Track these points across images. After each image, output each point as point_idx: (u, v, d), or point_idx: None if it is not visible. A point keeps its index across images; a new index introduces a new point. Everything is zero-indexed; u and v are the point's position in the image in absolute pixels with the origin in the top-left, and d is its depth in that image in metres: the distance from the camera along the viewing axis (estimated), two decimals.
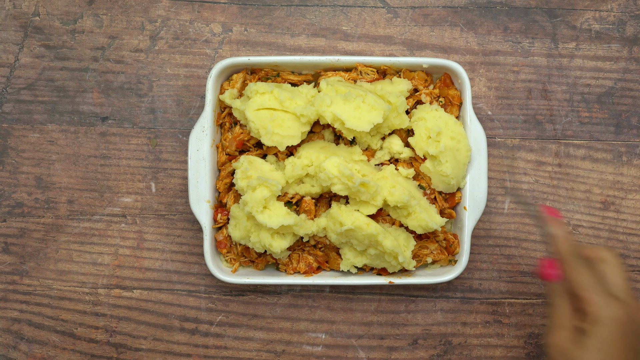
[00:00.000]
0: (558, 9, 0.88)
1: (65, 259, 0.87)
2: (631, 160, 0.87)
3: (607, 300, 0.57)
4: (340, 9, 0.88)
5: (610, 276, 0.61)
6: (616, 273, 0.61)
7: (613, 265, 0.62)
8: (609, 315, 0.57)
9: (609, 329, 0.57)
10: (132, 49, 0.87)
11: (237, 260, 0.82)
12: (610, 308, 0.57)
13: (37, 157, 0.87)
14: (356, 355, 0.87)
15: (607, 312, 0.57)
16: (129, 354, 0.86)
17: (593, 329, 0.57)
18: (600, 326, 0.57)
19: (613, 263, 0.62)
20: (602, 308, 0.57)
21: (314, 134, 0.81)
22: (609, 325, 0.57)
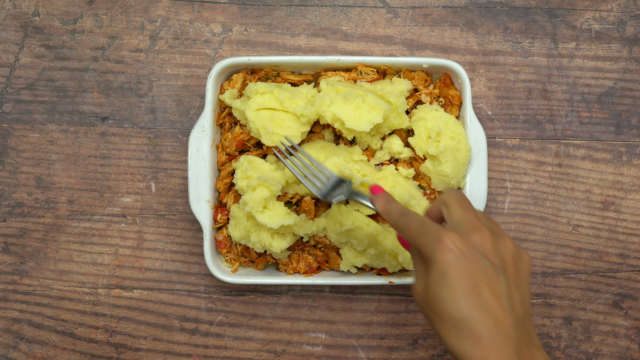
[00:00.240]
0: (558, 9, 0.88)
1: (65, 259, 0.87)
2: (631, 160, 0.87)
3: (436, 237, 0.57)
4: (340, 9, 0.88)
5: (448, 216, 0.61)
6: (455, 209, 0.61)
7: (450, 203, 0.61)
8: (438, 249, 0.57)
9: (442, 262, 0.56)
10: (132, 49, 0.87)
11: (237, 260, 0.82)
12: (439, 243, 0.57)
13: (37, 157, 0.87)
14: (356, 355, 0.87)
15: (437, 247, 0.57)
16: (129, 354, 0.86)
17: (430, 269, 0.57)
18: (434, 263, 0.57)
19: (450, 201, 0.62)
20: (430, 246, 0.58)
21: (314, 134, 0.81)
22: (440, 259, 0.57)
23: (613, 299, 0.87)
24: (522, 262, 0.60)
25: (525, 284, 0.59)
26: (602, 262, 0.87)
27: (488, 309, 0.55)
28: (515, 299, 0.57)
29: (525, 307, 0.58)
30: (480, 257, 0.56)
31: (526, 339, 0.57)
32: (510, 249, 0.59)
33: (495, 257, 0.58)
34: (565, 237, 0.87)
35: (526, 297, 0.58)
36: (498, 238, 0.59)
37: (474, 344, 0.55)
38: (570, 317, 0.87)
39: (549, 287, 0.87)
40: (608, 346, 0.86)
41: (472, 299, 0.55)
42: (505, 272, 0.58)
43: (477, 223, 0.59)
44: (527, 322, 0.58)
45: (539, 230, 0.87)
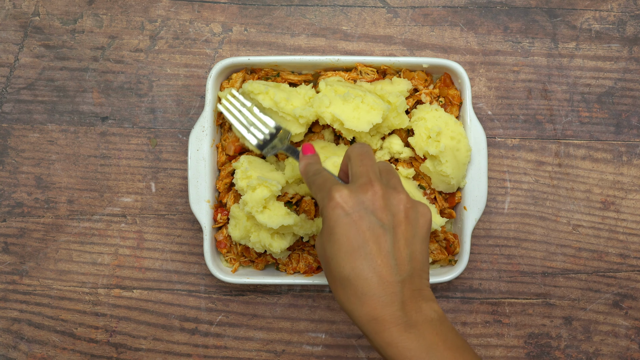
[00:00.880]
0: (558, 9, 0.88)
1: (65, 259, 0.87)
2: (631, 160, 0.87)
3: (327, 193, 0.58)
4: (340, 9, 0.88)
5: (350, 171, 0.61)
6: (354, 163, 0.61)
7: (352, 157, 0.62)
8: (328, 205, 0.57)
9: (329, 218, 0.57)
10: (132, 49, 0.87)
11: (237, 260, 0.82)
12: (329, 199, 0.57)
13: (37, 157, 0.87)
14: (356, 355, 0.87)
15: (327, 203, 0.57)
16: (129, 354, 0.86)
17: (323, 225, 0.58)
18: (324, 219, 0.58)
19: (352, 155, 0.62)
20: (322, 201, 0.58)
21: (313, 134, 0.81)
22: (328, 215, 0.57)
23: (613, 299, 0.87)
24: (419, 217, 0.59)
25: (419, 239, 0.58)
26: (602, 262, 0.87)
27: (372, 268, 0.55)
28: (403, 256, 0.57)
29: (416, 263, 0.58)
30: (368, 214, 0.56)
31: (414, 294, 0.57)
32: (404, 204, 0.58)
33: (385, 213, 0.57)
34: (565, 237, 0.87)
35: (419, 252, 0.58)
36: (392, 193, 0.58)
37: (359, 302, 0.56)
38: (570, 317, 0.87)
39: (549, 287, 0.87)
40: (608, 346, 0.87)
41: (356, 258, 0.56)
42: (395, 229, 0.57)
43: (371, 178, 0.58)
44: (417, 278, 0.58)
45: (539, 230, 0.87)
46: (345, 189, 0.57)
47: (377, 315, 0.55)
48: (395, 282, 0.56)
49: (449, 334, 0.57)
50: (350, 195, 0.57)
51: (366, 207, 0.57)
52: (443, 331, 0.56)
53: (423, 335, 0.55)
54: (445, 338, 0.56)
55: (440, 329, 0.56)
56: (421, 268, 0.58)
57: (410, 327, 0.55)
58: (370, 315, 0.56)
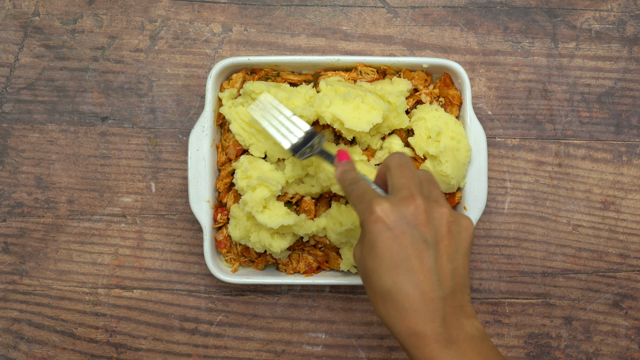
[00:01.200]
0: (558, 9, 0.88)
1: (65, 259, 0.87)
2: (631, 160, 0.87)
3: (368, 206, 0.57)
4: (340, 9, 0.88)
5: (390, 182, 0.60)
6: (395, 174, 0.60)
7: (391, 168, 0.61)
8: (369, 218, 0.56)
9: (371, 232, 0.56)
10: (132, 49, 0.87)
11: (237, 260, 0.82)
12: (370, 212, 0.57)
13: (37, 157, 0.87)
14: (356, 355, 0.87)
15: (367, 217, 0.57)
16: (129, 354, 0.86)
17: (364, 238, 0.58)
18: (365, 232, 0.57)
19: (391, 165, 0.61)
20: (363, 214, 0.58)
21: None
22: (370, 229, 0.56)
23: (613, 299, 0.87)
24: (461, 231, 0.58)
25: (462, 255, 0.58)
26: (602, 262, 0.87)
27: (414, 283, 0.55)
28: (446, 271, 0.56)
29: (459, 278, 0.57)
30: (410, 229, 0.56)
31: (456, 310, 0.56)
32: (447, 218, 0.57)
33: (428, 228, 0.56)
34: (565, 237, 0.87)
35: (461, 268, 0.57)
36: (435, 207, 0.58)
37: (400, 317, 0.55)
38: (570, 317, 0.87)
39: (549, 287, 0.87)
40: (608, 346, 0.87)
41: (398, 273, 0.55)
42: (438, 244, 0.57)
43: (412, 192, 0.58)
44: (459, 293, 0.57)
45: (539, 230, 0.87)
46: (386, 202, 0.57)
47: (418, 331, 0.55)
48: (437, 299, 0.55)
49: (489, 352, 0.56)
50: (391, 209, 0.56)
51: (408, 221, 0.56)
52: (484, 349, 0.55)
53: (464, 352, 0.54)
54: (485, 357, 0.55)
55: (481, 347, 0.55)
56: (463, 283, 0.57)
57: (450, 344, 0.54)
58: (411, 330, 0.55)
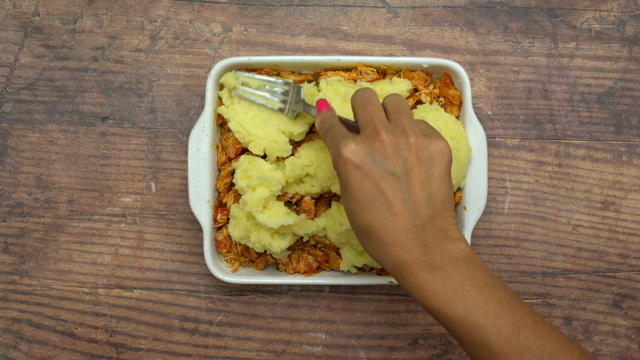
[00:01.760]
0: (558, 9, 0.88)
1: (65, 259, 0.87)
2: (631, 160, 0.87)
3: (336, 149, 0.58)
4: (340, 9, 0.88)
5: (357, 120, 0.61)
6: (359, 113, 0.61)
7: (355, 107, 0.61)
8: (338, 161, 0.58)
9: (342, 174, 0.57)
10: (132, 49, 0.87)
11: (237, 260, 0.82)
12: (338, 155, 0.58)
13: (37, 157, 0.87)
14: (356, 355, 0.87)
15: (337, 160, 0.58)
16: (129, 354, 0.86)
17: (338, 178, 0.59)
18: (338, 175, 0.58)
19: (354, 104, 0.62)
20: (334, 158, 0.59)
21: (314, 134, 0.81)
22: (341, 171, 0.58)
23: (613, 299, 0.87)
24: (433, 156, 0.58)
25: (436, 179, 0.58)
26: (602, 262, 0.87)
27: (390, 216, 0.56)
28: (420, 199, 0.57)
29: (436, 203, 0.58)
30: (377, 165, 0.57)
31: (437, 235, 0.57)
32: (414, 146, 0.58)
33: (395, 160, 0.57)
34: (565, 237, 0.87)
35: (437, 192, 0.58)
36: (400, 138, 0.58)
37: (383, 251, 0.57)
38: (570, 317, 0.87)
39: (549, 287, 0.87)
40: (608, 346, 0.86)
41: (373, 209, 0.56)
42: (408, 174, 0.57)
43: (376, 127, 0.58)
44: (439, 219, 0.57)
45: (539, 230, 0.87)
46: (352, 143, 0.58)
47: (402, 262, 0.56)
48: (415, 227, 0.56)
49: (476, 272, 0.56)
50: (358, 148, 0.57)
51: (374, 157, 0.57)
52: (470, 270, 0.56)
53: (448, 276, 0.55)
54: (472, 277, 0.56)
55: (466, 268, 0.56)
56: (442, 207, 0.58)
57: (434, 269, 0.55)
58: (395, 262, 0.56)
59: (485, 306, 0.55)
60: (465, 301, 0.55)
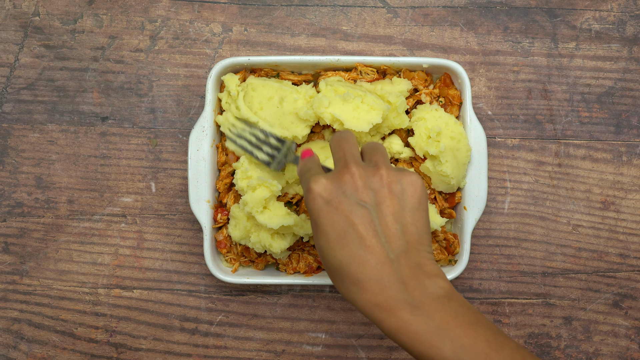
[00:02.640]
0: (558, 9, 0.88)
1: (65, 259, 0.87)
2: (631, 160, 0.87)
3: (307, 186, 0.57)
4: (340, 9, 0.88)
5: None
6: (333, 151, 0.60)
7: (331, 147, 0.60)
8: (308, 197, 0.56)
9: (312, 211, 0.56)
10: (132, 49, 0.87)
11: (237, 260, 0.82)
12: (308, 192, 0.56)
13: (37, 157, 0.87)
14: (356, 355, 0.87)
15: (307, 196, 0.56)
16: (129, 353, 0.86)
17: (310, 217, 0.57)
18: (309, 213, 0.57)
19: (331, 145, 0.61)
20: (304, 195, 0.57)
21: (314, 134, 0.81)
22: (311, 207, 0.56)
23: (613, 299, 0.87)
24: (405, 188, 0.56)
25: (409, 211, 0.56)
26: (602, 262, 0.87)
27: (362, 250, 0.53)
28: (392, 231, 0.54)
29: (410, 236, 0.55)
30: (347, 198, 0.55)
31: (414, 270, 0.54)
32: (385, 179, 0.56)
33: (366, 193, 0.55)
34: (565, 237, 0.87)
35: (411, 225, 0.55)
36: (371, 171, 0.56)
37: (359, 290, 0.53)
38: (570, 317, 0.87)
39: (549, 287, 0.87)
40: (608, 346, 0.87)
41: (345, 245, 0.54)
42: (379, 206, 0.55)
43: (346, 161, 0.57)
44: (414, 252, 0.54)
45: (539, 230, 0.87)
46: (322, 178, 0.56)
47: (379, 301, 0.52)
48: (389, 261, 0.53)
49: (459, 309, 0.53)
50: (327, 183, 0.56)
51: (344, 191, 0.55)
52: (452, 307, 0.53)
53: (431, 315, 0.52)
54: (455, 315, 0.52)
55: (448, 305, 0.53)
56: (417, 241, 0.55)
57: (415, 309, 0.52)
58: (372, 302, 0.53)
59: (473, 346, 0.51)
60: (452, 342, 0.51)
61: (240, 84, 0.79)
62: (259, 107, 0.78)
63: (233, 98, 0.78)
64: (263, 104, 0.78)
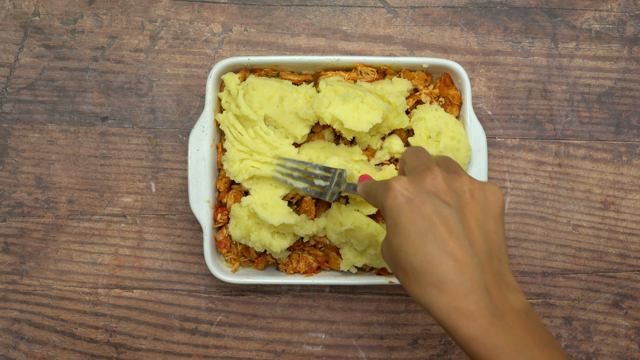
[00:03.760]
0: (558, 9, 0.88)
1: (65, 259, 0.87)
2: (631, 160, 0.87)
3: (385, 185, 0.54)
4: (340, 9, 0.88)
5: (406, 169, 0.58)
6: (409, 160, 0.58)
7: (406, 158, 0.59)
8: (387, 195, 0.54)
9: (392, 209, 0.53)
10: (132, 48, 0.87)
11: (237, 260, 0.82)
12: (387, 189, 0.54)
13: (37, 157, 0.87)
14: (356, 355, 0.87)
15: (385, 194, 0.54)
16: (129, 354, 0.86)
17: (386, 221, 0.54)
18: (386, 212, 0.54)
19: (405, 156, 0.59)
20: (382, 196, 0.55)
21: (314, 134, 0.81)
22: (390, 205, 0.53)
23: (613, 299, 0.87)
24: (488, 197, 0.55)
25: (492, 220, 0.54)
26: (602, 262, 0.87)
27: (446, 251, 0.51)
28: (476, 235, 0.52)
29: (493, 244, 0.53)
30: (431, 197, 0.53)
31: (496, 279, 0.51)
32: (468, 185, 0.54)
33: (450, 195, 0.53)
34: (565, 237, 0.87)
35: (494, 233, 0.53)
36: (454, 177, 0.55)
37: (438, 292, 0.50)
38: (570, 317, 0.87)
39: (549, 287, 0.87)
40: (608, 346, 0.86)
41: (426, 244, 0.51)
42: (462, 210, 0.53)
43: (429, 165, 0.55)
44: (496, 260, 0.52)
45: (539, 230, 0.87)
46: (403, 177, 0.54)
47: (460, 306, 0.49)
48: (474, 265, 0.50)
49: (536, 327, 0.51)
50: (409, 181, 0.54)
51: (427, 190, 0.53)
52: (531, 324, 0.50)
53: (511, 329, 0.49)
54: (533, 333, 0.50)
55: (527, 321, 0.50)
56: (499, 250, 0.53)
57: (497, 319, 0.49)
58: (452, 306, 0.50)
59: None
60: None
61: (240, 83, 0.79)
62: (259, 106, 0.78)
63: (233, 97, 0.78)
64: (263, 103, 0.78)
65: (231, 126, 0.78)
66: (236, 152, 0.78)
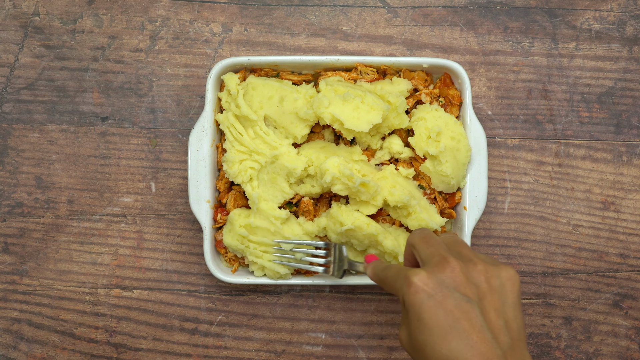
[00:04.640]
0: (558, 9, 0.88)
1: (65, 259, 0.87)
2: (631, 160, 0.87)
3: (405, 279, 0.56)
4: (340, 9, 0.88)
5: (418, 257, 0.60)
6: (421, 247, 0.59)
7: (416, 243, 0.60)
8: (408, 291, 0.55)
9: (414, 305, 0.55)
10: (132, 48, 0.87)
11: (237, 260, 0.82)
12: (408, 285, 0.55)
13: (37, 157, 0.87)
14: (356, 355, 0.87)
15: (406, 290, 0.55)
16: (129, 354, 0.86)
17: (408, 314, 0.56)
18: (408, 306, 0.56)
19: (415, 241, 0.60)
20: (402, 290, 0.56)
21: (314, 134, 0.81)
22: (412, 301, 0.55)
23: (613, 299, 0.87)
24: (504, 283, 0.57)
25: (510, 306, 0.56)
26: (602, 262, 0.87)
27: (470, 346, 0.52)
28: (498, 327, 0.54)
29: (513, 332, 0.55)
30: (451, 292, 0.54)
31: None
32: (484, 274, 0.56)
33: (469, 287, 0.55)
34: (565, 237, 0.87)
35: (513, 322, 0.56)
36: (470, 266, 0.57)
37: None
38: (570, 317, 0.87)
39: (549, 287, 0.87)
40: (608, 346, 0.86)
41: (451, 340, 0.53)
42: (482, 301, 0.55)
43: (444, 256, 0.57)
44: (517, 349, 0.54)
45: (539, 230, 0.87)
46: (422, 271, 0.56)
47: None
48: (497, 357, 0.52)
49: None
50: (428, 276, 0.55)
51: (447, 285, 0.55)
52: None
53: None
54: None
55: None
56: (519, 337, 0.55)
57: None
58: None
59: None
60: None
61: (240, 83, 0.79)
62: (259, 106, 0.78)
63: (233, 97, 0.78)
64: (263, 103, 0.78)
65: (231, 126, 0.78)
66: (236, 152, 0.78)
